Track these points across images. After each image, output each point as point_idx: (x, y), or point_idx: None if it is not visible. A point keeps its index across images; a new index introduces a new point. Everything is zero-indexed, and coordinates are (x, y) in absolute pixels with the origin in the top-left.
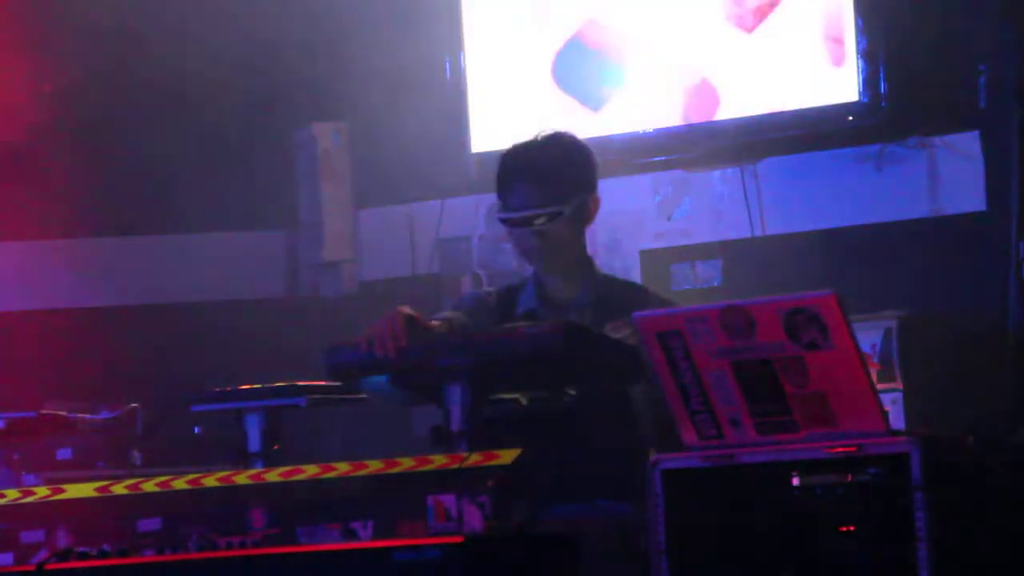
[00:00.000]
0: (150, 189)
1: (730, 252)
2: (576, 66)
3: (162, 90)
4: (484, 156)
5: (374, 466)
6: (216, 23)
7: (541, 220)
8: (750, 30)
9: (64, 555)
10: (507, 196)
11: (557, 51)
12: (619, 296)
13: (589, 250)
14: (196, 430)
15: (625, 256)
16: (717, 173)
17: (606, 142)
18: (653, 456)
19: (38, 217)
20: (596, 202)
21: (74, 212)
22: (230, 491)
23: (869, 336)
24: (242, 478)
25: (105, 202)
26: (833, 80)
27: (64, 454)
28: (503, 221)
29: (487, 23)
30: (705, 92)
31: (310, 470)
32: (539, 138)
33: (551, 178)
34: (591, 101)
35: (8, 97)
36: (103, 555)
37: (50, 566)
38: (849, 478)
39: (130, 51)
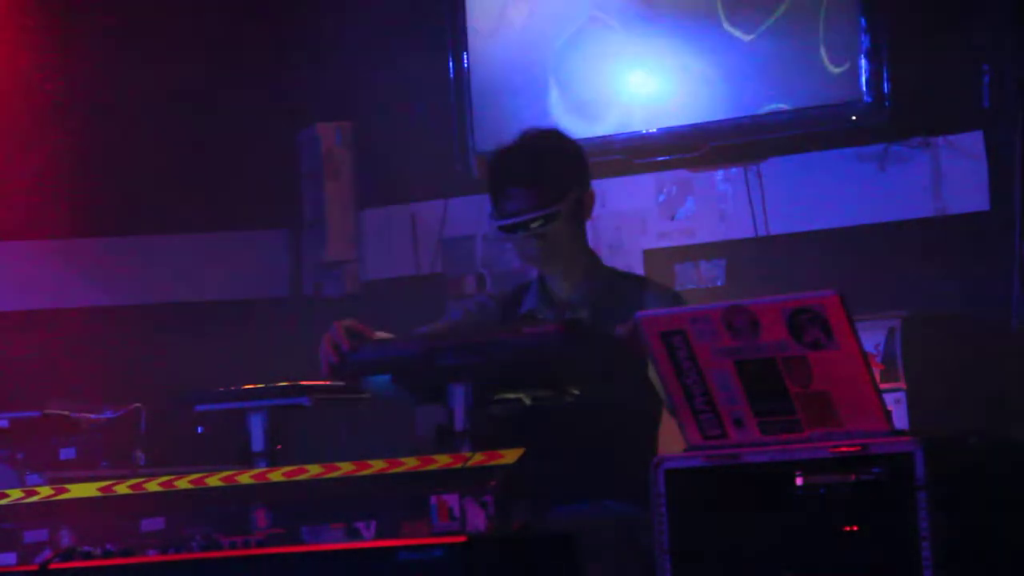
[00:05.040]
0: (153, 189)
1: (734, 252)
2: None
3: (165, 89)
4: (488, 156)
5: (377, 466)
6: (220, 23)
7: (538, 223)
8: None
9: (67, 555)
10: (502, 202)
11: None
12: (618, 290)
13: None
14: (199, 430)
15: (629, 256)
16: (721, 173)
17: (609, 142)
18: (657, 456)
19: (38, 217)
20: (591, 196)
21: (79, 212)
22: (233, 491)
23: (873, 336)
24: (245, 478)
25: (108, 202)
26: (836, 79)
27: (67, 454)
28: (501, 229)
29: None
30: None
31: (313, 470)
32: (525, 139)
33: (545, 179)
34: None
35: (8, 96)
36: (106, 555)
37: (53, 566)
38: (853, 478)
39: (132, 50)
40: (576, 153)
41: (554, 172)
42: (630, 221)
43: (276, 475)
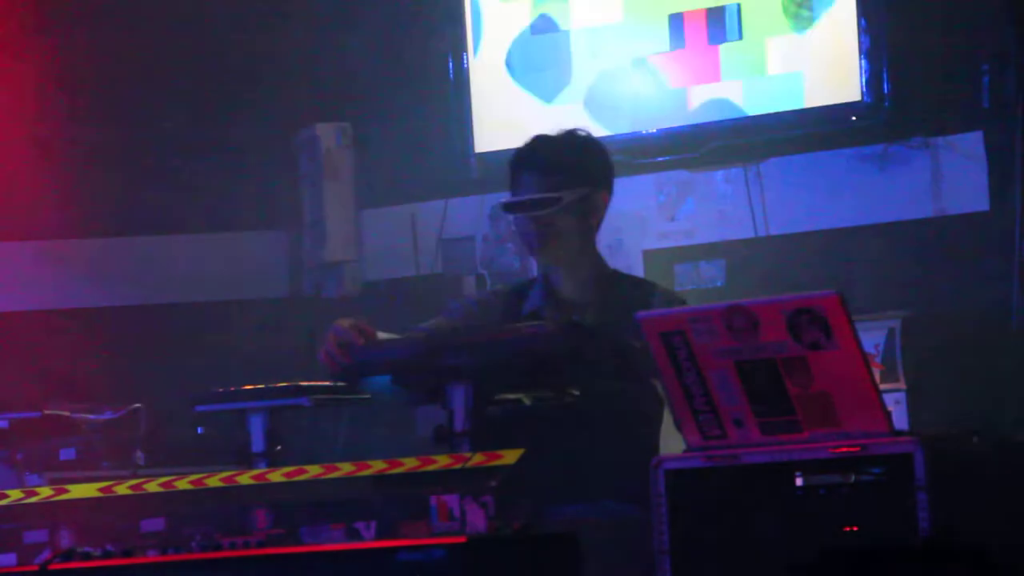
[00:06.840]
0: (153, 189)
1: (733, 252)
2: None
3: (165, 90)
4: (487, 156)
5: (377, 466)
6: (220, 23)
7: (538, 207)
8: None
9: (67, 555)
10: (515, 190)
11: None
12: (625, 293)
13: None
14: (199, 430)
15: (629, 256)
16: (720, 173)
17: (608, 142)
18: (657, 456)
19: (38, 217)
20: (604, 199)
21: (79, 212)
22: (233, 491)
23: (872, 336)
24: (245, 478)
25: (108, 202)
26: (836, 80)
27: (67, 454)
28: (504, 209)
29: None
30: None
31: (313, 470)
32: (553, 133)
33: (555, 167)
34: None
35: (10, 98)
36: (106, 555)
37: (53, 566)
38: (853, 478)
39: (132, 51)
40: (596, 153)
41: (566, 162)
42: (630, 222)
43: (276, 475)
